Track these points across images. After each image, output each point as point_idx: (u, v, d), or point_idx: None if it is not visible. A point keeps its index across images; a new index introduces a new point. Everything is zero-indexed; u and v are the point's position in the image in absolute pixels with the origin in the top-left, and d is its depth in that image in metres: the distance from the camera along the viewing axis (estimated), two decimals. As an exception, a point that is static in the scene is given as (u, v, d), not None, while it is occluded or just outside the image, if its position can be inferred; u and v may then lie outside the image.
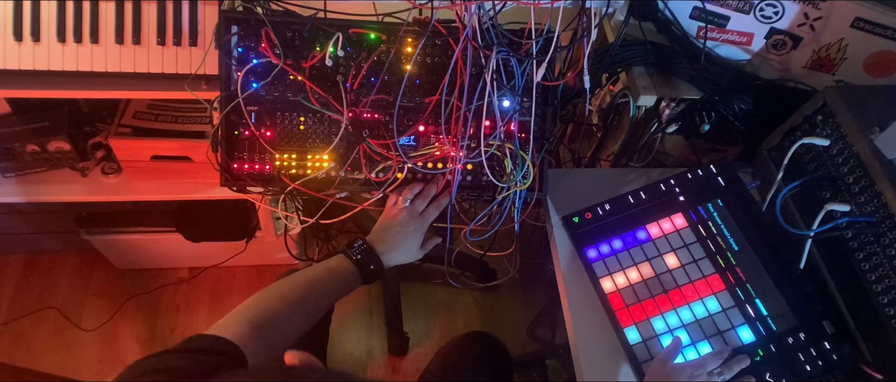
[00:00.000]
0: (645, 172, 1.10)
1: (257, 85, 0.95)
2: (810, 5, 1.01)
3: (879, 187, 0.83)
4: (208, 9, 1.07)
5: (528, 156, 0.96)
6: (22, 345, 1.74)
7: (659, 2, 1.04)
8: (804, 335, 0.88)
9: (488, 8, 0.85)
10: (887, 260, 0.82)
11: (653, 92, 1.07)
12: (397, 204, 0.98)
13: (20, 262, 1.91)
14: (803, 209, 0.95)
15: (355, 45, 0.94)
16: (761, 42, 1.07)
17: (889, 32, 1.00)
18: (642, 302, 0.93)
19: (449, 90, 0.90)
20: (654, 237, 0.98)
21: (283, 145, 0.98)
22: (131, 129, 1.31)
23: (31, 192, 1.35)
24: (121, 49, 1.07)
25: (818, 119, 0.94)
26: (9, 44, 1.05)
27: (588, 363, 0.88)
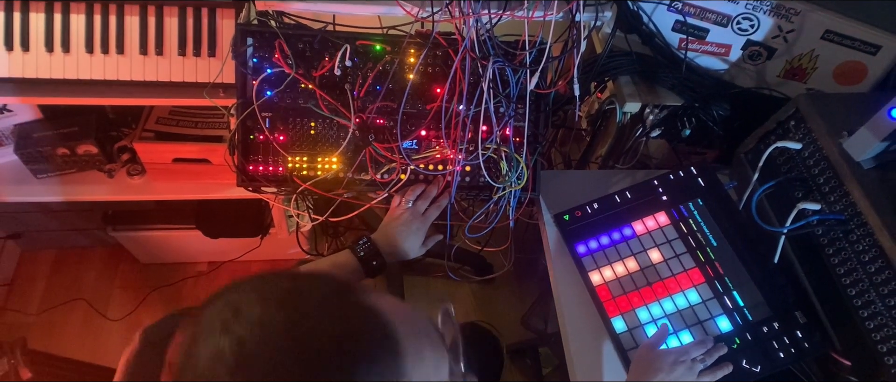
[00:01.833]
0: (630, 174, 1.10)
1: (271, 93, 0.95)
2: (783, 19, 1.01)
3: (848, 187, 0.83)
4: (225, 22, 1.07)
5: (523, 158, 0.96)
6: (54, 334, 1.74)
7: (643, 15, 1.04)
8: (778, 324, 0.88)
9: (485, 21, 0.85)
10: (855, 254, 0.82)
11: (638, 99, 1.07)
12: (401, 204, 0.98)
13: (51, 257, 1.91)
14: (777, 208, 0.95)
15: (362, 56, 0.94)
16: (738, 53, 1.07)
17: (856, 44, 1.00)
18: (628, 293, 0.93)
19: (449, 97, 0.90)
20: (639, 233, 0.98)
21: (295, 148, 0.98)
22: (154, 134, 1.31)
23: (61, 192, 1.35)
24: (144, 59, 1.07)
25: (791, 124, 0.94)
26: (41, 54, 1.05)
27: (578, 350, 0.88)
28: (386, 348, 0.44)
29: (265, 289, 0.45)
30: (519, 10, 0.86)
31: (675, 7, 1.03)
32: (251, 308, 0.43)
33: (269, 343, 0.41)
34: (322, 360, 0.41)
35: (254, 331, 0.42)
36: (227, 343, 0.41)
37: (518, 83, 0.91)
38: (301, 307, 0.44)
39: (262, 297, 0.44)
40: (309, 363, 0.41)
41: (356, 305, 0.46)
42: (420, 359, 0.46)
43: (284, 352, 0.41)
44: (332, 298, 0.46)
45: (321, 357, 0.41)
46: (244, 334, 0.41)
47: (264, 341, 0.41)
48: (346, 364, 0.42)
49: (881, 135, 0.78)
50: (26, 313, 1.78)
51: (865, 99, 0.97)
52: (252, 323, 0.42)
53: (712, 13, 1.03)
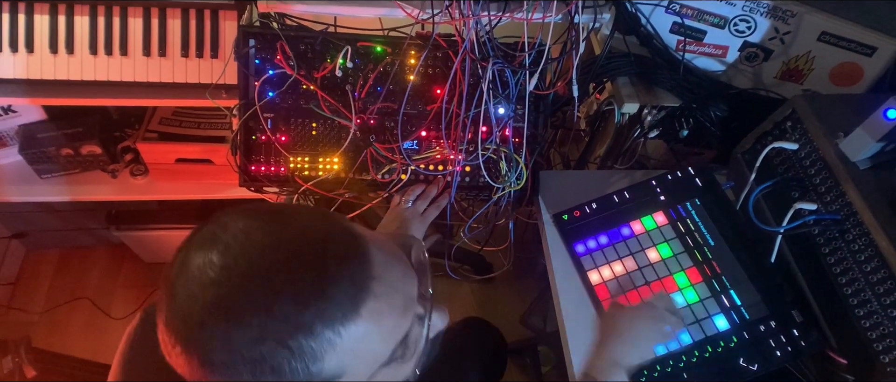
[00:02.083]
0: (629, 174, 1.10)
1: (273, 94, 0.95)
2: (780, 21, 1.01)
3: (844, 187, 0.83)
4: (228, 24, 1.07)
5: (522, 158, 0.96)
6: (57, 333, 1.74)
7: (641, 17, 1.04)
8: (775, 323, 0.88)
9: (485, 23, 0.85)
10: (851, 254, 0.82)
11: (636, 100, 1.07)
12: (400, 204, 0.98)
13: (55, 256, 1.91)
14: (774, 207, 0.95)
15: (363, 57, 0.94)
16: (735, 54, 1.07)
17: (853, 45, 1.00)
18: (626, 292, 0.93)
19: (449, 98, 0.90)
20: (637, 233, 0.98)
21: (296, 149, 0.98)
22: (157, 134, 1.31)
23: (65, 192, 1.35)
24: (148, 61, 1.07)
25: (788, 125, 0.94)
26: (45, 56, 1.05)
27: (576, 348, 0.88)
28: (357, 252, 0.49)
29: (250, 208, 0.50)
30: (518, 11, 0.86)
31: (673, 9, 1.03)
32: (236, 221, 0.48)
33: (252, 244, 0.46)
34: (298, 257, 0.46)
35: (238, 237, 0.46)
36: (215, 251, 0.46)
37: (517, 84, 0.91)
38: (282, 218, 0.49)
39: (247, 213, 0.49)
40: (286, 259, 0.46)
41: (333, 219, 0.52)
42: (387, 267, 0.51)
43: (265, 250, 0.46)
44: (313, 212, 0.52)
45: (297, 254, 0.46)
46: (229, 240, 0.46)
47: (247, 243, 0.46)
48: (319, 260, 0.46)
49: (877, 135, 0.78)
50: (31, 312, 1.78)
51: (861, 100, 0.97)
52: (237, 231, 0.47)
53: (710, 15, 1.03)
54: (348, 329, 0.46)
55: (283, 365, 0.44)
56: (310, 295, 0.45)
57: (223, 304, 0.44)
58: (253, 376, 0.44)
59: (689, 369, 0.86)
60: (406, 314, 0.53)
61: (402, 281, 0.53)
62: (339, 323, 0.45)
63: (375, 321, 0.48)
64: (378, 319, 0.48)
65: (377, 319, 0.48)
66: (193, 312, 0.44)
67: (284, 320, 0.44)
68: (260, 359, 0.44)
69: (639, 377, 0.85)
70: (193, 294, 0.45)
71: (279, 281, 0.44)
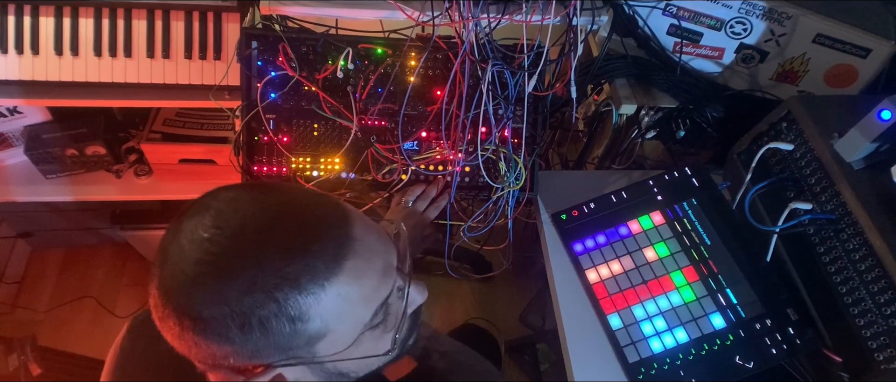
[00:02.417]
0: (626, 174, 1.10)
1: (275, 95, 0.95)
2: (776, 23, 1.01)
3: (838, 187, 0.83)
4: (230, 26, 1.07)
5: (521, 159, 0.96)
6: (62, 331, 1.74)
7: (639, 19, 1.04)
8: (770, 321, 0.88)
9: (484, 25, 0.85)
10: (845, 253, 0.82)
11: (633, 101, 1.07)
12: (401, 204, 0.98)
13: (60, 256, 1.91)
14: (769, 207, 0.95)
15: (364, 59, 0.94)
16: (731, 56, 1.07)
17: (847, 47, 1.00)
18: (624, 291, 0.93)
19: (449, 99, 0.90)
20: (635, 232, 0.98)
21: (298, 150, 0.98)
22: (161, 135, 1.31)
23: (70, 192, 1.35)
24: (151, 62, 1.07)
25: (783, 126, 0.94)
26: (50, 58, 1.05)
27: (574, 346, 0.88)
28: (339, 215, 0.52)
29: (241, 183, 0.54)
30: (517, 14, 0.86)
31: (670, 11, 1.03)
32: (227, 191, 0.50)
33: (243, 208, 0.48)
34: (285, 216, 0.49)
35: (229, 202, 0.49)
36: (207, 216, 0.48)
37: (516, 86, 0.91)
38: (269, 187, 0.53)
39: (238, 185, 0.52)
40: (274, 218, 0.48)
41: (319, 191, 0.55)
42: (367, 233, 0.53)
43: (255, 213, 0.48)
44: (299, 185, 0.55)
45: (284, 214, 0.49)
46: (221, 205, 0.48)
47: (238, 207, 0.48)
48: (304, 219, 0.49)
49: (871, 136, 0.78)
50: (36, 310, 1.78)
51: (856, 101, 0.97)
52: (228, 198, 0.49)
53: (706, 17, 1.03)
54: (332, 283, 0.48)
55: (270, 320, 0.46)
56: (296, 249, 0.47)
57: (214, 259, 0.46)
58: (242, 333, 0.45)
59: (686, 366, 0.86)
60: (386, 279, 0.54)
61: (382, 246, 0.55)
62: (322, 277, 0.47)
63: (356, 279, 0.50)
64: (359, 278, 0.50)
65: (358, 278, 0.50)
66: (186, 269, 0.46)
67: (272, 272, 0.45)
68: (249, 312, 0.45)
69: (636, 374, 0.85)
70: (185, 253, 0.46)
71: (267, 237, 0.47)
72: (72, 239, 1.89)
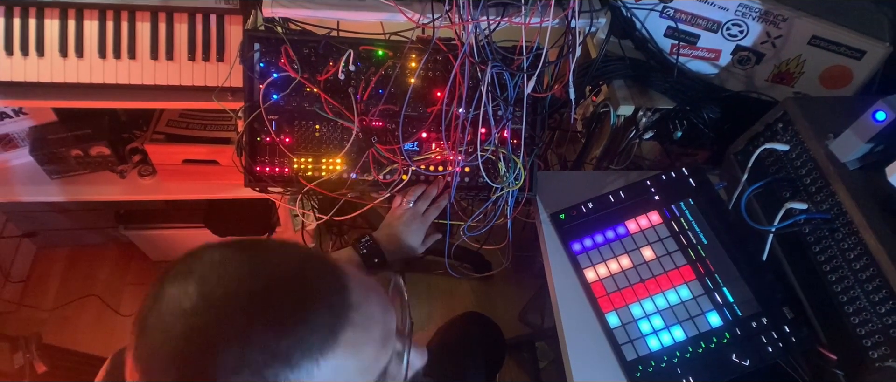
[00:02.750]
0: (624, 174, 1.10)
1: (277, 96, 0.95)
2: (772, 25, 1.01)
3: (834, 187, 0.83)
4: (233, 28, 1.07)
5: (520, 159, 0.96)
6: (67, 329, 1.74)
7: (636, 22, 1.04)
8: (766, 319, 0.89)
9: (484, 27, 0.85)
10: (840, 252, 0.82)
11: (631, 102, 1.07)
12: (402, 204, 0.98)
13: (65, 255, 1.91)
14: (765, 207, 0.95)
15: (365, 61, 0.95)
16: (728, 58, 1.07)
17: (842, 49, 1.00)
18: (621, 290, 0.93)
19: (449, 101, 0.90)
20: (632, 232, 0.98)
21: (300, 150, 0.98)
22: (165, 136, 1.31)
23: (75, 192, 1.35)
24: (155, 64, 1.07)
25: (779, 126, 0.94)
26: (55, 59, 1.05)
27: (573, 344, 0.89)
28: (337, 281, 0.47)
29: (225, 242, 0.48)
30: (516, 16, 0.86)
31: (667, 13, 1.03)
32: (212, 253, 0.46)
33: (228, 275, 0.44)
34: (276, 284, 0.44)
35: (214, 268, 0.44)
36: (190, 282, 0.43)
37: (516, 87, 0.91)
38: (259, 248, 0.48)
39: (223, 245, 0.47)
40: (264, 287, 0.43)
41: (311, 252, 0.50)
42: (366, 299, 0.48)
43: (241, 281, 0.44)
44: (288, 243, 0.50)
45: (275, 281, 0.44)
46: (205, 271, 0.44)
47: (224, 272, 0.44)
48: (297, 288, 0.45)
49: (865, 137, 0.78)
50: (41, 309, 1.78)
51: (850, 102, 0.97)
52: (213, 262, 0.45)
53: (703, 19, 1.03)
54: (327, 359, 0.43)
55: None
56: (288, 323, 0.42)
57: (199, 334, 0.41)
58: None
59: (683, 364, 0.86)
60: (385, 347, 0.50)
61: (381, 312, 0.51)
62: (317, 352, 0.43)
63: (354, 351, 0.46)
64: (356, 350, 0.46)
65: (355, 350, 0.46)
66: (167, 344, 0.41)
67: (262, 349, 0.41)
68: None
69: (634, 371, 0.85)
70: (167, 325, 0.42)
71: (255, 309, 0.42)
72: (76, 238, 1.89)
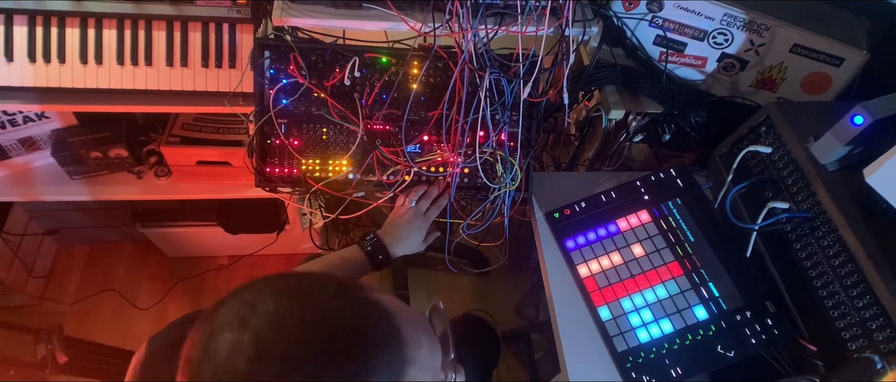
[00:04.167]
0: (615, 175, 1.10)
1: (286, 101, 0.95)
2: (755, 34, 1.01)
3: (814, 188, 0.83)
4: (245, 36, 1.07)
5: (516, 161, 0.96)
6: (87, 322, 1.74)
7: (627, 30, 1.04)
8: (750, 313, 0.88)
9: (482, 36, 0.85)
10: (820, 249, 0.82)
11: (622, 107, 1.07)
12: (404, 204, 0.98)
13: (85, 251, 1.91)
14: (749, 206, 0.95)
15: (369, 67, 0.94)
16: (714, 65, 1.07)
17: (822, 57, 1.00)
18: (613, 285, 0.93)
19: (449, 105, 0.90)
20: (623, 230, 0.98)
21: (308, 152, 0.98)
22: (180, 139, 1.31)
23: (94, 192, 1.35)
24: (171, 70, 1.07)
25: (762, 130, 0.94)
26: (76, 66, 1.05)
27: (567, 336, 0.89)
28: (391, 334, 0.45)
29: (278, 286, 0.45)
30: (513, 25, 0.86)
31: (656, 23, 1.03)
32: (265, 304, 0.43)
33: (286, 331, 0.41)
34: (335, 345, 0.41)
35: (271, 322, 0.41)
36: (246, 336, 0.41)
37: (512, 92, 0.91)
38: (312, 300, 0.44)
39: (276, 292, 0.44)
40: (323, 348, 0.41)
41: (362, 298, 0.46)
42: (418, 346, 0.47)
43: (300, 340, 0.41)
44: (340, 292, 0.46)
45: (334, 342, 0.41)
46: (261, 325, 0.41)
47: (281, 330, 0.41)
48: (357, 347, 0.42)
49: (844, 140, 0.78)
50: (62, 302, 1.78)
51: (830, 107, 0.97)
52: (268, 316, 0.42)
53: (690, 28, 1.03)
54: None
55: None
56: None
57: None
58: None
59: (671, 355, 0.86)
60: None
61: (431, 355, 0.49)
62: None
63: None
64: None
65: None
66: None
67: None
68: None
69: (624, 362, 0.85)
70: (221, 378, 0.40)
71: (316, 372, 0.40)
72: (96, 235, 1.89)
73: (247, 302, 0.43)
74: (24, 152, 1.33)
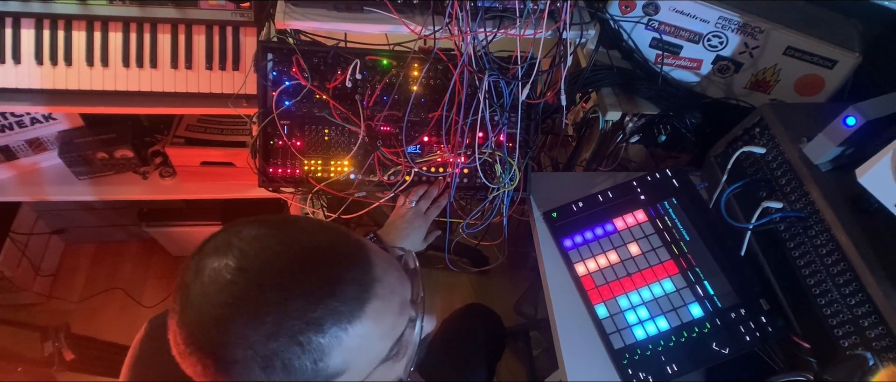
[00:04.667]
0: (612, 175, 1.10)
1: (289, 103, 0.95)
2: (749, 36, 1.01)
3: (807, 188, 0.83)
4: (248, 39, 1.07)
5: (515, 161, 0.96)
6: (94, 319, 1.75)
7: (623, 33, 1.04)
8: (744, 310, 0.89)
9: (481, 39, 0.85)
10: (813, 248, 0.82)
11: (618, 108, 1.07)
12: (405, 203, 0.98)
13: (91, 250, 1.91)
14: (743, 206, 0.95)
15: (370, 70, 0.95)
16: (709, 67, 1.07)
17: (815, 59, 1.00)
18: (610, 283, 0.93)
19: (449, 107, 0.90)
20: (620, 229, 0.98)
21: (310, 153, 0.98)
22: (184, 140, 1.31)
23: (100, 192, 1.35)
24: (175, 73, 1.07)
25: (756, 131, 0.94)
26: (82, 68, 1.05)
27: (564, 334, 0.89)
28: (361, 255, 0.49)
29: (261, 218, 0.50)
30: (512, 28, 0.86)
31: (652, 26, 1.03)
32: (249, 229, 0.47)
33: (266, 248, 0.45)
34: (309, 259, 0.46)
35: (252, 243, 0.46)
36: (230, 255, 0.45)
37: (511, 94, 0.91)
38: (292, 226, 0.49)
39: (258, 222, 0.49)
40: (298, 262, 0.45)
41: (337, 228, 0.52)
42: (386, 272, 0.51)
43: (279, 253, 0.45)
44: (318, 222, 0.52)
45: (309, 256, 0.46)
46: (244, 246, 0.45)
47: (261, 247, 0.45)
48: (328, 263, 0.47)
49: (837, 140, 0.78)
50: (69, 301, 1.78)
51: (823, 108, 0.97)
52: (250, 237, 0.46)
53: (685, 31, 1.03)
54: (354, 327, 0.46)
55: (293, 362, 0.43)
56: (321, 294, 0.45)
57: (240, 303, 0.43)
58: (265, 374, 0.43)
59: (666, 352, 0.86)
60: (402, 315, 0.53)
61: (400, 284, 0.53)
62: (346, 321, 0.45)
63: (377, 320, 0.48)
64: (379, 318, 0.48)
65: (378, 318, 0.48)
66: (210, 311, 0.43)
67: (298, 317, 0.43)
68: (273, 355, 0.43)
69: (621, 359, 0.85)
70: (209, 294, 0.44)
71: (292, 281, 0.44)
72: (102, 235, 1.89)
73: (231, 231, 0.48)
74: (31, 153, 1.33)
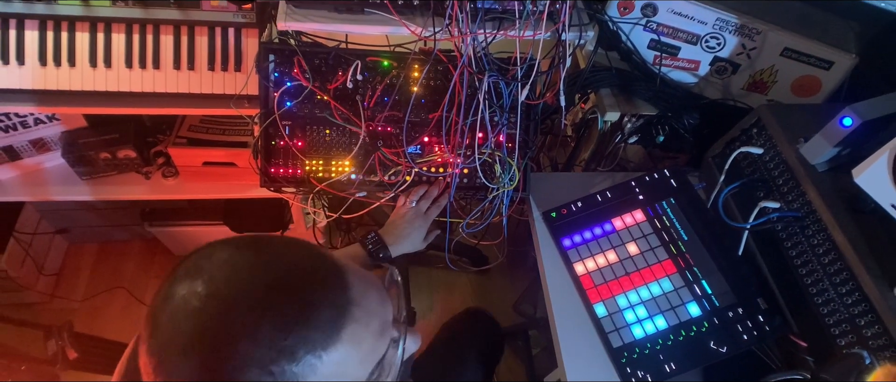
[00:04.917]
0: (610, 175, 1.10)
1: (290, 103, 0.95)
2: (747, 38, 1.01)
3: (804, 188, 0.83)
4: (250, 40, 1.07)
5: (514, 162, 0.96)
6: (97, 318, 1.74)
7: (622, 35, 1.04)
8: (742, 309, 0.89)
9: (481, 40, 0.85)
10: (810, 248, 0.82)
11: (617, 109, 1.07)
12: (406, 203, 0.98)
13: (94, 250, 1.91)
14: (741, 206, 0.95)
15: (371, 71, 0.95)
16: (706, 68, 1.07)
17: (812, 60, 1.00)
18: (608, 282, 0.93)
19: (449, 107, 0.90)
20: (618, 229, 0.98)
21: (311, 153, 0.98)
22: (187, 140, 1.31)
23: (103, 192, 1.35)
24: (178, 74, 1.07)
25: (754, 131, 0.94)
26: (86, 69, 1.05)
27: (563, 332, 0.89)
28: (337, 277, 0.46)
29: (233, 240, 0.47)
30: (511, 29, 0.86)
31: (650, 27, 1.03)
32: (220, 253, 0.45)
33: (237, 272, 0.43)
34: (280, 284, 0.43)
35: (223, 266, 0.44)
36: (199, 280, 0.43)
37: (510, 95, 0.91)
38: (265, 248, 0.46)
39: (229, 243, 0.46)
40: (268, 286, 0.43)
41: (313, 249, 0.48)
42: (365, 294, 0.48)
43: (251, 278, 0.43)
44: (292, 242, 0.49)
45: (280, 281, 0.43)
46: (213, 270, 0.43)
47: (233, 271, 0.43)
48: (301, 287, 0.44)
49: (833, 141, 0.78)
50: (72, 300, 1.78)
51: (820, 109, 0.97)
52: (220, 261, 0.44)
53: (683, 33, 1.03)
54: (329, 353, 0.43)
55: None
56: (292, 321, 0.42)
57: (207, 333, 0.41)
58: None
59: (665, 351, 0.86)
60: (382, 337, 0.50)
61: (379, 305, 0.50)
62: (320, 348, 0.42)
63: (354, 345, 0.45)
64: (357, 343, 0.46)
65: (356, 343, 0.45)
66: (176, 340, 0.41)
67: (268, 346, 0.40)
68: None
69: (620, 358, 0.85)
70: (177, 323, 0.42)
71: (262, 309, 0.42)
72: (105, 234, 1.89)
73: (203, 253, 0.45)
74: (34, 153, 1.33)
